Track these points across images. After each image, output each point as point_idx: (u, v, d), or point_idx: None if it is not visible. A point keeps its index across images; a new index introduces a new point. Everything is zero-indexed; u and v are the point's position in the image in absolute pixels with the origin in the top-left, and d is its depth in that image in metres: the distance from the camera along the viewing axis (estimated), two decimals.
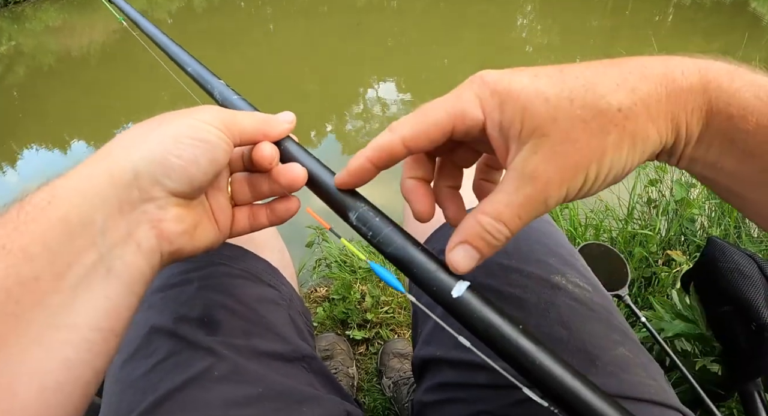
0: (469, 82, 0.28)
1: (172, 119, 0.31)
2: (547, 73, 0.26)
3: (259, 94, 3.50)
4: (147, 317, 0.43)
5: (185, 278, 0.45)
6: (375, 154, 0.29)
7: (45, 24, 6.03)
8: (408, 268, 0.29)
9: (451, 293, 0.27)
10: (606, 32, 5.10)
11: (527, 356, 0.25)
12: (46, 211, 0.26)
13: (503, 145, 0.27)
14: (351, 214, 0.31)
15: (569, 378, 0.25)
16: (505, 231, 0.26)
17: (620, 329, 0.42)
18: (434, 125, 0.28)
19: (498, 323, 0.26)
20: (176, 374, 0.40)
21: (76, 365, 0.25)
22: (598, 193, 0.28)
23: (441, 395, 0.44)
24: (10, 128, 3.48)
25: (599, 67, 0.26)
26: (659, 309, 0.89)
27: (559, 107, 0.25)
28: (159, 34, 0.54)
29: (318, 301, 1.37)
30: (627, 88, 0.25)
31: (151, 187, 0.29)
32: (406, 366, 1.09)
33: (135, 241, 0.28)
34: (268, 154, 0.33)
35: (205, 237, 0.34)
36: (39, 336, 0.24)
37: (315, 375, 0.47)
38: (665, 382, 0.41)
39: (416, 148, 0.29)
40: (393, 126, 0.29)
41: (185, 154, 0.29)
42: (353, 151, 1.96)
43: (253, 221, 0.38)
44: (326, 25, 5.37)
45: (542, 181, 0.25)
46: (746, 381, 0.73)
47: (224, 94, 0.41)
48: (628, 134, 0.25)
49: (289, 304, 0.51)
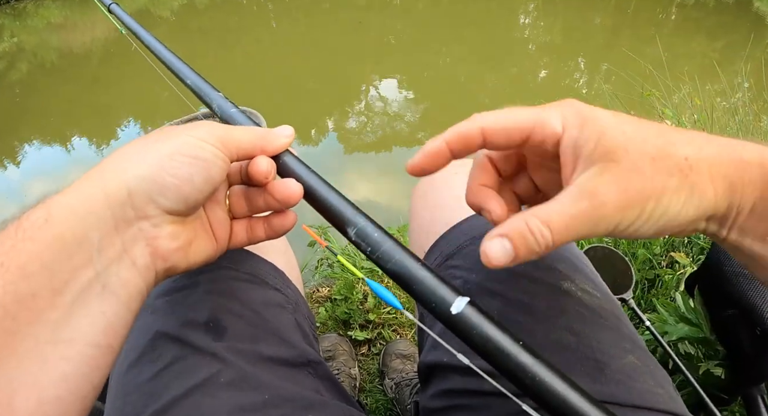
0: (555, 103, 0.29)
1: (168, 136, 0.31)
2: (626, 116, 0.28)
3: (261, 91, 3.50)
4: (152, 322, 0.43)
5: (191, 282, 0.45)
6: (453, 138, 0.30)
7: (47, 21, 6.02)
8: (407, 284, 0.29)
9: (450, 309, 0.27)
10: (608, 31, 5.09)
11: (526, 372, 0.25)
12: (43, 230, 0.26)
13: (571, 163, 0.28)
14: (350, 230, 0.31)
15: (571, 393, 0.25)
16: (549, 237, 0.26)
17: (629, 337, 0.42)
18: (515, 122, 0.29)
19: (497, 339, 0.26)
20: (182, 380, 0.40)
21: (74, 379, 0.26)
22: (645, 237, 0.28)
23: (447, 401, 0.44)
24: (12, 125, 3.48)
25: (668, 127, 0.28)
26: (663, 312, 0.89)
27: (633, 140, 0.26)
28: (158, 46, 0.54)
29: (320, 301, 1.37)
30: (694, 144, 0.27)
31: (146, 206, 0.29)
32: (409, 367, 1.09)
33: (130, 259, 0.29)
34: (264, 169, 0.34)
35: (201, 252, 0.34)
36: (36, 351, 0.25)
37: (321, 380, 0.47)
38: (673, 390, 0.40)
39: (492, 141, 0.29)
40: (474, 116, 0.30)
41: (180, 173, 0.30)
42: (355, 150, 1.95)
43: (250, 234, 0.38)
44: (328, 22, 5.36)
45: (600, 199, 0.26)
46: (750, 386, 0.73)
47: (222, 107, 0.41)
48: (688, 183, 0.26)
49: (294, 308, 0.51)
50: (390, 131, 3.17)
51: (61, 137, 3.30)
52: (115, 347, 0.28)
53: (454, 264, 0.47)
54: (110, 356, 0.28)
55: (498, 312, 0.42)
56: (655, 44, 2.31)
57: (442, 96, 3.59)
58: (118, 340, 0.28)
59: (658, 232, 0.27)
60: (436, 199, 0.55)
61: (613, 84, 3.02)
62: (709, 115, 1.73)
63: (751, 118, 1.81)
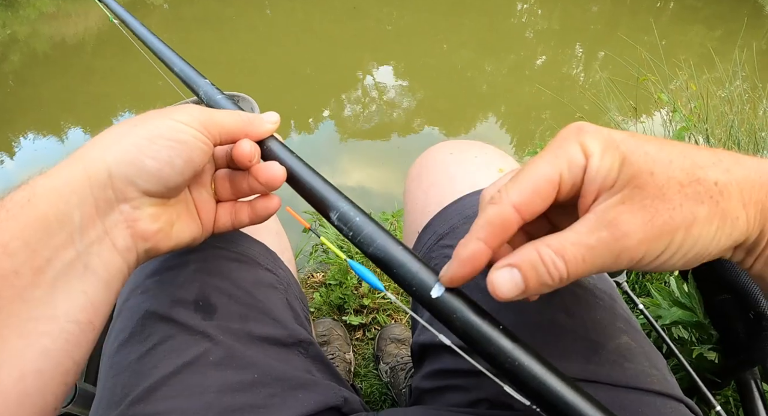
0: (565, 131, 0.26)
1: (150, 119, 0.32)
2: (644, 135, 0.25)
3: (256, 79, 3.47)
4: (141, 301, 0.43)
5: (182, 261, 0.45)
6: (488, 233, 0.25)
7: (39, 11, 5.93)
8: (389, 268, 0.29)
9: (431, 293, 0.27)
10: (606, 18, 5.07)
11: (507, 356, 0.25)
12: (26, 209, 0.27)
13: (593, 192, 0.25)
14: (332, 214, 0.32)
15: (550, 378, 0.25)
16: (563, 269, 0.24)
17: (624, 317, 0.42)
18: (543, 178, 0.25)
19: (477, 324, 0.26)
20: (171, 359, 0.39)
21: (55, 354, 0.26)
22: (674, 269, 0.25)
23: (440, 381, 0.44)
24: (7, 115, 3.45)
25: (691, 146, 0.25)
26: (657, 296, 0.89)
27: (658, 162, 0.24)
28: (147, 34, 0.54)
29: (315, 287, 1.37)
30: (722, 167, 0.24)
31: (125, 188, 0.30)
32: (403, 352, 1.09)
33: (111, 240, 0.30)
34: (248, 152, 0.34)
35: (184, 233, 0.35)
36: (19, 327, 0.25)
37: (312, 360, 0.47)
38: (668, 372, 0.40)
39: (529, 212, 0.25)
40: (494, 197, 0.26)
41: (160, 155, 0.30)
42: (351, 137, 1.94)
43: (234, 218, 0.38)
44: (324, 9, 5.31)
45: (622, 230, 0.23)
46: (743, 370, 0.73)
47: (209, 93, 0.41)
48: (720, 210, 0.24)
49: (286, 288, 0.51)
50: (387, 118, 3.15)
51: (56, 127, 3.27)
52: (96, 325, 0.29)
53: (447, 243, 0.47)
54: (91, 333, 0.28)
55: None
56: (653, 33, 2.30)
57: (440, 83, 3.57)
58: (99, 318, 0.29)
59: (687, 264, 0.25)
60: (430, 180, 0.55)
61: (611, 71, 3.00)
62: (705, 102, 1.72)
63: (747, 108, 1.80)
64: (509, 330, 0.26)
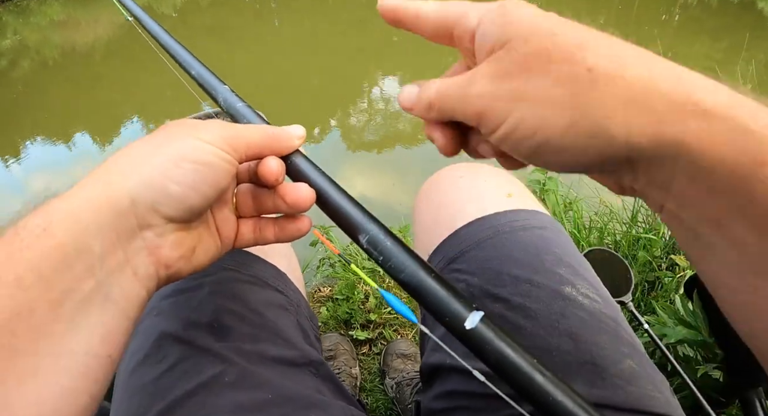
0: None
1: (173, 138, 0.30)
2: (573, 22, 0.25)
3: (263, 89, 3.50)
4: (157, 323, 0.44)
5: (196, 284, 0.46)
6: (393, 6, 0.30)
7: (49, 18, 6.01)
8: (420, 296, 0.28)
9: (465, 324, 0.27)
10: (612, 29, 5.05)
11: (542, 392, 0.25)
12: (41, 239, 0.25)
13: (482, 58, 0.26)
14: (361, 237, 0.30)
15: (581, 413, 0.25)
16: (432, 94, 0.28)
17: (628, 341, 0.42)
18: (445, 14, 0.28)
19: (511, 356, 0.26)
20: (186, 380, 0.40)
21: (73, 392, 0.25)
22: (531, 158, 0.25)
23: (449, 403, 0.45)
24: (15, 121, 3.49)
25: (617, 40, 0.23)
26: (662, 314, 0.90)
27: (537, 33, 0.23)
28: (164, 35, 0.51)
29: (321, 301, 1.38)
30: (617, 59, 0.21)
31: (149, 215, 0.28)
32: (409, 367, 1.10)
33: (132, 268, 0.28)
34: (275, 170, 0.32)
35: (206, 256, 0.33)
36: (36, 366, 0.24)
37: (322, 380, 0.48)
38: (671, 394, 0.41)
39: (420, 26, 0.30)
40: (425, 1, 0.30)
41: (185, 180, 0.29)
42: (357, 148, 1.95)
43: (258, 235, 0.37)
44: (332, 20, 5.35)
45: (471, 80, 0.26)
46: (748, 389, 0.73)
47: (228, 100, 0.39)
48: (579, 102, 0.21)
49: (296, 310, 0.51)
50: (392, 130, 3.16)
51: (64, 134, 3.30)
52: (114, 357, 0.27)
53: (457, 267, 0.48)
54: (109, 367, 0.27)
55: (499, 316, 0.43)
56: (658, 44, 2.31)
57: None
58: (117, 351, 0.27)
59: (541, 155, 0.24)
60: (440, 200, 0.55)
61: None
62: None
63: None
64: (544, 365, 0.26)
